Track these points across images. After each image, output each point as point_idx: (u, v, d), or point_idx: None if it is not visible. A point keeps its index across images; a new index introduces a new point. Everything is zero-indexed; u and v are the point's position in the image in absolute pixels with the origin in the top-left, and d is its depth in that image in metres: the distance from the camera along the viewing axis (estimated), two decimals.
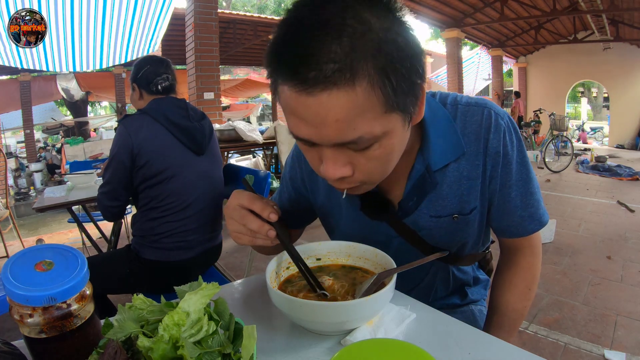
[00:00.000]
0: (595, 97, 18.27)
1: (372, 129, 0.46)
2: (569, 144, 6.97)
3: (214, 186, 1.52)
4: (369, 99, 0.44)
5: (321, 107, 0.43)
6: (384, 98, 0.44)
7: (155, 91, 1.45)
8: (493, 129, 0.64)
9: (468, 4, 7.86)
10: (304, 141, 0.50)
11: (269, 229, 0.56)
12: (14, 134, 13.58)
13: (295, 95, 0.44)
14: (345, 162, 0.50)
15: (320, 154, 0.51)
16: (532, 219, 0.70)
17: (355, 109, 0.44)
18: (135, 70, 1.47)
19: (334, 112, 0.43)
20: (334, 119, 0.44)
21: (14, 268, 0.45)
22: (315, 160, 0.53)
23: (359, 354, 0.38)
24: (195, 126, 1.43)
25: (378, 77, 0.43)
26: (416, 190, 0.66)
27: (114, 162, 1.34)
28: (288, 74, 0.44)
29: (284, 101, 0.48)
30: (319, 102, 0.43)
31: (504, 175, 0.66)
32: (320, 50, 0.41)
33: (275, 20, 7.85)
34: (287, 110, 0.48)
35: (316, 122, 0.45)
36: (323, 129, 0.45)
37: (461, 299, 0.85)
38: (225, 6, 15.83)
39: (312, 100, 0.43)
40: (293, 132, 0.50)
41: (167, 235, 1.39)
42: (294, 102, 0.45)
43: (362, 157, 0.49)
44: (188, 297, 0.44)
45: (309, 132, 0.47)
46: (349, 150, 0.49)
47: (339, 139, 0.46)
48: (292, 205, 0.81)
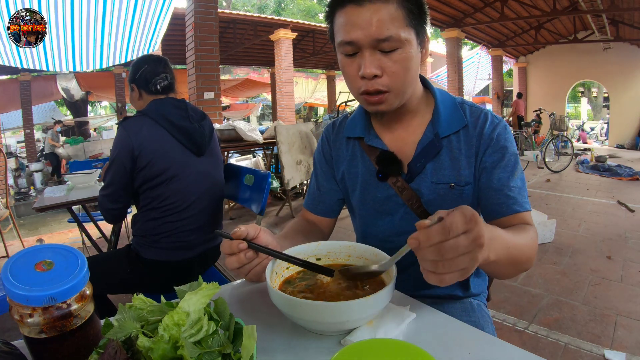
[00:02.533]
0: (595, 97, 18.27)
1: (398, 32, 0.68)
2: (569, 144, 6.97)
3: (215, 186, 1.51)
4: (397, 12, 0.68)
5: (368, 13, 0.67)
6: (406, 16, 0.68)
7: (155, 91, 1.45)
8: (489, 122, 0.79)
9: (468, 3, 7.85)
10: (351, 46, 0.70)
11: (239, 243, 0.63)
12: (14, 133, 13.59)
13: (352, 9, 0.68)
14: (377, 64, 0.70)
15: (359, 62, 0.70)
16: (516, 200, 0.75)
17: (389, 16, 0.67)
18: (133, 70, 1.46)
19: (376, 16, 0.67)
20: (376, 20, 0.67)
21: (14, 268, 0.45)
22: (354, 71, 0.72)
23: (359, 354, 0.38)
24: (195, 127, 1.43)
25: (403, 1, 0.68)
26: (424, 153, 0.79)
27: (115, 164, 1.34)
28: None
29: (339, 23, 0.70)
30: (367, 9, 0.67)
31: (494, 159, 0.77)
32: None
33: (275, 20, 7.86)
34: (342, 26, 0.70)
35: (364, 24, 0.67)
36: (368, 28, 0.67)
37: (463, 291, 0.87)
38: (225, 6, 15.82)
39: (363, 9, 0.68)
40: (344, 40, 0.70)
41: (168, 235, 1.39)
42: (349, 14, 0.69)
43: (389, 60, 0.69)
44: (188, 297, 0.44)
45: (357, 33, 0.68)
46: (380, 55, 0.69)
47: (377, 35, 0.67)
48: (328, 181, 0.94)
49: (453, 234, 0.45)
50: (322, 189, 0.94)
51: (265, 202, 1.59)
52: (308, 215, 0.96)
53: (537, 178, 5.97)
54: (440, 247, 0.46)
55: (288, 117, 8.21)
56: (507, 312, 2.08)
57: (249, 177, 1.70)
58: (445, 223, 0.46)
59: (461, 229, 0.46)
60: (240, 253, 0.62)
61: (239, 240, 0.63)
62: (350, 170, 0.89)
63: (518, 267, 0.67)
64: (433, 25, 9.16)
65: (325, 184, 0.94)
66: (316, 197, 0.95)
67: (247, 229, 0.65)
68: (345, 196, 0.94)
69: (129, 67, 1.52)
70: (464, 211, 0.47)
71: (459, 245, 0.45)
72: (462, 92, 9.05)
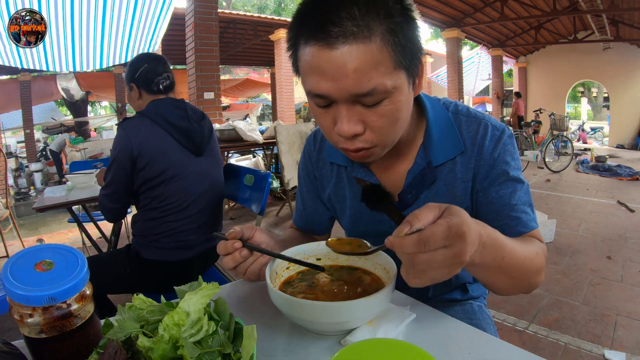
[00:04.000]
0: (595, 97, 18.27)
1: (384, 82, 0.52)
2: (569, 144, 6.97)
3: (214, 186, 1.51)
4: (382, 53, 0.51)
5: (342, 59, 0.50)
6: (394, 55, 0.52)
7: (157, 90, 1.44)
8: (489, 137, 0.69)
9: (468, 3, 7.85)
10: (322, 99, 0.55)
11: (233, 243, 0.63)
12: (14, 134, 13.58)
13: (319, 51, 0.51)
14: (358, 119, 0.55)
15: (335, 114, 0.56)
16: (519, 220, 0.67)
17: (371, 61, 0.51)
18: (132, 69, 1.44)
19: (353, 63, 0.50)
20: (352, 69, 0.50)
21: (14, 268, 0.45)
22: (329, 123, 0.58)
23: (359, 354, 0.38)
24: (194, 127, 1.43)
25: (389, 36, 0.51)
26: (416, 184, 0.70)
27: (115, 165, 1.34)
28: (314, 32, 0.51)
29: (305, 61, 0.54)
30: (340, 54, 0.50)
31: (495, 176, 0.68)
32: (342, 11, 0.50)
33: (275, 20, 7.86)
34: (308, 70, 0.54)
35: (336, 75, 0.51)
36: (342, 80, 0.51)
37: (462, 294, 0.86)
38: (225, 6, 15.82)
39: (333, 53, 0.50)
40: (312, 91, 0.55)
41: (168, 235, 1.39)
42: (316, 58, 0.52)
43: (374, 113, 0.55)
44: (188, 297, 0.44)
45: (328, 86, 0.53)
46: (361, 108, 0.55)
47: (356, 90, 0.52)
48: (313, 201, 0.87)
49: (429, 248, 0.42)
50: (309, 209, 0.88)
51: (265, 202, 1.59)
52: (299, 230, 0.92)
53: (537, 178, 5.97)
54: (413, 257, 0.43)
55: (288, 117, 8.22)
56: (507, 312, 2.08)
57: (249, 177, 1.70)
58: (422, 236, 0.42)
59: (440, 243, 0.42)
60: (235, 252, 0.63)
61: (234, 240, 0.63)
62: (337, 194, 0.81)
63: (512, 280, 0.59)
64: (433, 25, 9.17)
65: (310, 204, 0.87)
66: (304, 217, 0.90)
67: (242, 229, 0.65)
68: (334, 216, 0.87)
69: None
70: (451, 224, 0.42)
71: (434, 260, 0.43)
72: (462, 92, 9.05)
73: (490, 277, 0.58)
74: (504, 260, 0.54)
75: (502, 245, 0.54)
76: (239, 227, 0.66)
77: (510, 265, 0.56)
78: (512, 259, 0.56)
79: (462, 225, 0.43)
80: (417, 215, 0.44)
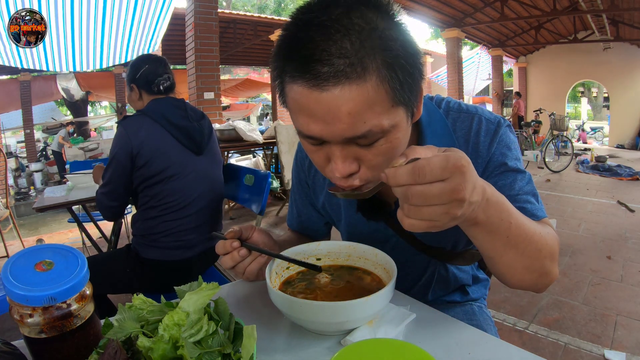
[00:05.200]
0: (595, 97, 18.26)
1: (380, 122, 0.47)
2: (569, 144, 6.97)
3: (214, 186, 1.52)
4: (378, 92, 0.46)
5: (333, 102, 0.45)
6: (392, 92, 0.47)
7: (157, 91, 1.45)
8: (483, 132, 0.65)
9: (468, 3, 7.85)
10: (313, 140, 0.51)
11: (232, 242, 0.62)
12: (14, 133, 13.58)
13: (307, 92, 0.46)
14: (353, 159, 0.51)
15: (328, 153, 0.52)
16: (525, 210, 0.61)
17: (366, 102, 0.45)
18: (133, 70, 1.45)
19: (346, 106, 0.45)
20: (346, 112, 0.45)
21: (14, 268, 0.45)
22: (321, 161, 0.54)
23: (359, 354, 0.38)
24: (194, 126, 1.43)
25: (386, 71, 0.45)
26: None
27: (114, 163, 1.34)
28: (300, 71, 0.45)
29: (293, 100, 0.49)
30: (332, 97, 0.45)
31: (494, 169, 0.65)
32: (331, 47, 0.43)
33: (275, 20, 7.86)
34: (296, 109, 0.49)
35: (328, 118, 0.46)
36: (335, 123, 0.47)
37: (462, 296, 0.86)
38: (225, 6, 15.82)
39: (324, 95, 0.45)
40: (302, 131, 0.51)
41: (167, 235, 1.39)
42: (305, 99, 0.46)
43: (369, 152, 0.50)
44: (188, 297, 0.44)
45: (320, 128, 0.48)
46: (356, 147, 0.50)
47: (349, 133, 0.47)
48: (307, 208, 0.85)
49: (423, 179, 0.39)
50: (303, 217, 0.86)
51: (265, 202, 1.59)
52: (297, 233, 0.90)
53: (537, 178, 5.97)
54: (407, 189, 0.40)
55: (288, 117, 8.19)
56: (507, 312, 2.08)
57: (249, 177, 1.70)
58: (417, 165, 0.39)
59: (437, 175, 0.39)
60: (234, 252, 0.62)
61: (232, 240, 0.63)
62: (331, 202, 0.79)
63: (522, 257, 0.52)
64: (433, 25, 9.17)
65: (304, 211, 0.86)
66: (299, 223, 0.88)
67: (241, 229, 0.65)
68: (330, 222, 0.86)
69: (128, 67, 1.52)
70: (449, 155, 0.39)
71: (429, 194, 0.39)
72: (462, 92, 9.05)
73: (497, 248, 0.52)
74: (511, 228, 0.49)
75: (509, 209, 0.49)
76: (238, 226, 0.66)
77: (519, 235, 0.51)
78: (521, 228, 0.51)
79: (461, 159, 0.39)
80: (414, 149, 0.42)
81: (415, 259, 0.77)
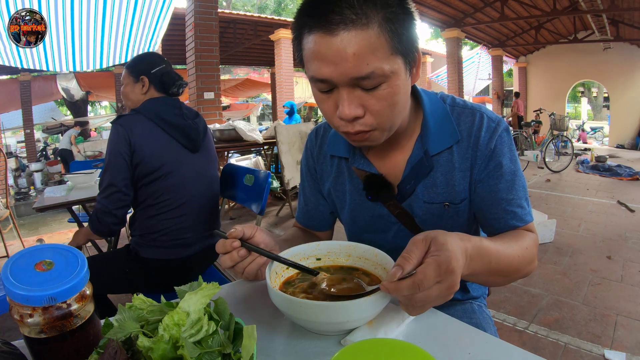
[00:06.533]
0: (595, 97, 18.27)
1: (381, 65, 0.55)
2: (569, 144, 6.97)
3: (210, 184, 1.52)
4: (379, 39, 0.54)
5: (341, 44, 0.54)
6: (391, 41, 0.55)
7: (171, 93, 1.46)
8: (485, 128, 0.71)
9: (468, 3, 7.85)
10: (324, 83, 0.58)
11: (232, 242, 0.63)
12: (14, 133, 13.59)
13: (321, 38, 0.55)
14: (358, 103, 0.59)
15: (336, 99, 0.59)
16: (515, 214, 0.70)
17: (369, 46, 0.54)
18: (147, 64, 1.42)
19: (352, 47, 0.54)
20: (351, 53, 0.54)
21: (14, 268, 0.45)
22: (331, 108, 0.61)
23: (359, 354, 0.38)
24: (189, 124, 1.43)
25: (386, 24, 0.55)
26: (414, 173, 0.72)
27: (113, 161, 1.31)
28: (317, 20, 0.55)
29: (309, 49, 0.57)
30: (340, 39, 0.54)
31: (490, 170, 0.70)
32: (342, 1, 0.54)
33: (275, 20, 7.86)
34: (311, 55, 0.58)
35: (337, 59, 0.55)
36: (342, 64, 0.55)
37: (462, 294, 0.87)
38: (225, 6, 15.83)
39: (334, 39, 0.54)
40: (315, 76, 0.58)
41: (165, 233, 1.39)
42: (318, 45, 0.56)
43: (373, 97, 0.58)
44: (188, 297, 0.44)
45: (330, 70, 0.56)
46: (361, 92, 0.58)
47: (355, 73, 0.55)
48: (315, 196, 0.89)
49: (423, 288, 0.46)
50: (310, 204, 0.90)
51: (265, 202, 1.59)
52: (302, 227, 0.93)
53: (537, 178, 5.96)
54: (409, 297, 0.47)
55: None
56: (507, 312, 2.08)
57: (249, 177, 1.70)
58: (415, 279, 0.46)
59: (433, 282, 0.46)
60: (233, 251, 0.63)
61: (233, 239, 0.63)
62: (336, 188, 0.83)
63: (505, 277, 0.64)
64: (433, 25, 9.16)
65: (312, 199, 0.89)
66: (306, 213, 0.91)
67: (243, 229, 0.66)
68: (334, 211, 0.89)
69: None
70: (439, 261, 0.46)
71: (430, 296, 0.46)
72: (462, 92, 9.06)
73: (483, 280, 0.63)
74: (491, 265, 0.58)
75: (488, 252, 0.57)
76: (240, 226, 0.66)
77: (500, 266, 0.60)
78: (500, 261, 0.60)
79: (450, 261, 0.46)
80: (407, 258, 0.48)
81: None
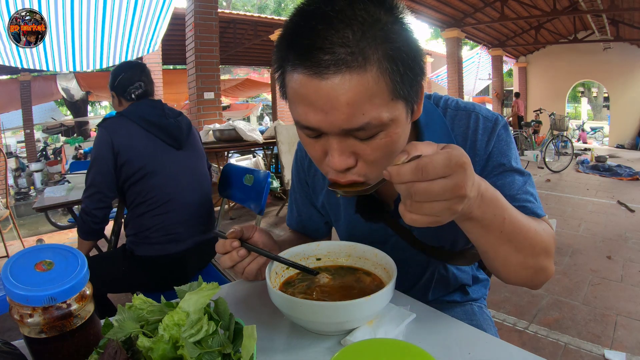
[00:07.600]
0: (595, 97, 18.26)
1: (379, 115, 0.47)
2: (569, 144, 6.97)
3: (198, 179, 1.55)
4: (378, 84, 0.45)
5: (333, 90, 0.45)
6: (392, 84, 0.46)
7: (130, 99, 1.50)
8: (481, 130, 0.65)
9: (468, 3, 7.85)
10: (311, 130, 0.50)
11: (232, 242, 0.62)
12: (14, 133, 13.57)
13: (307, 80, 0.46)
14: (350, 152, 0.50)
15: (326, 145, 0.51)
16: (525, 208, 0.61)
17: (366, 92, 0.45)
18: (112, 78, 1.52)
19: (346, 95, 0.45)
20: (345, 102, 0.45)
21: (14, 268, 0.45)
22: (319, 154, 0.53)
23: (359, 354, 0.38)
24: (171, 122, 1.48)
25: (387, 63, 0.46)
26: None
27: (97, 163, 1.38)
28: (301, 59, 0.45)
29: (293, 90, 0.49)
30: (331, 85, 0.45)
31: (493, 168, 0.64)
32: (333, 36, 0.44)
33: (275, 20, 7.86)
34: (296, 98, 0.49)
35: (327, 107, 0.46)
36: (333, 113, 0.46)
37: (462, 296, 0.86)
38: (225, 6, 15.83)
39: (324, 83, 0.45)
40: (300, 121, 0.50)
41: (156, 230, 1.42)
42: (304, 87, 0.46)
43: (368, 146, 0.50)
44: (188, 297, 0.44)
45: (318, 118, 0.47)
46: (354, 140, 0.49)
47: (348, 124, 0.47)
48: (307, 208, 0.85)
49: (426, 177, 0.39)
50: (303, 215, 0.86)
51: (265, 202, 1.59)
52: (298, 233, 0.90)
53: (537, 178, 5.96)
54: (410, 187, 0.40)
55: (288, 117, 8.22)
56: (507, 312, 2.08)
57: (248, 177, 1.70)
58: (420, 163, 0.39)
59: (439, 172, 0.39)
60: (233, 252, 0.62)
61: (232, 239, 0.63)
62: (330, 202, 0.79)
63: (518, 252, 0.53)
64: (433, 25, 9.16)
65: (305, 211, 0.85)
66: (299, 222, 0.87)
67: (242, 229, 0.65)
68: (329, 222, 0.85)
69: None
70: (452, 153, 0.40)
71: (432, 191, 0.40)
72: (462, 92, 9.06)
73: (491, 242, 0.52)
74: (504, 223, 0.50)
75: (503, 205, 0.50)
76: (239, 226, 0.66)
77: (513, 230, 0.51)
78: (515, 224, 0.51)
79: (462, 156, 0.40)
80: (416, 144, 0.42)
81: (415, 259, 0.77)
